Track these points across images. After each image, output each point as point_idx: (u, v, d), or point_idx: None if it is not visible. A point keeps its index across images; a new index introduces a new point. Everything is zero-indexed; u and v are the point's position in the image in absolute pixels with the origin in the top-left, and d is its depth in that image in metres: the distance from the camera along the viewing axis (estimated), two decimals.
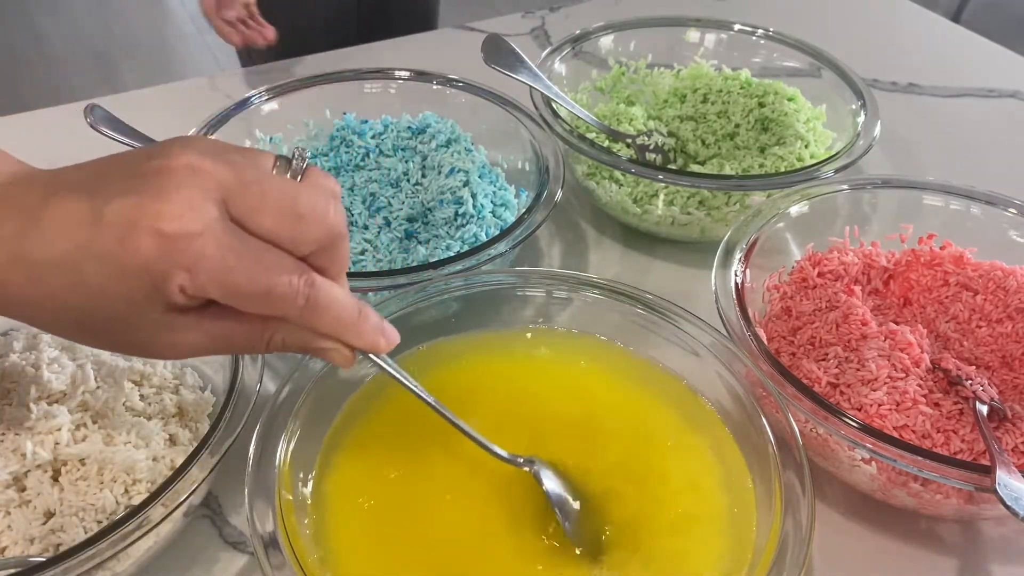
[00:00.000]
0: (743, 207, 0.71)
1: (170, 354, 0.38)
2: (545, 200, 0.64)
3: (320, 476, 0.49)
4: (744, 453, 0.51)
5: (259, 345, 0.40)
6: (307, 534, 0.45)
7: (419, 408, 0.54)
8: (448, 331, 0.58)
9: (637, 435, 0.53)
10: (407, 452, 0.51)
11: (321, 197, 0.37)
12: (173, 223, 0.33)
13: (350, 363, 0.42)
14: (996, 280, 0.62)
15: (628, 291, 0.57)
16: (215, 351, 0.39)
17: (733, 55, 0.91)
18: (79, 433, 0.50)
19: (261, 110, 0.75)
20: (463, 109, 0.78)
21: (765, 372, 0.51)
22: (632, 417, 0.54)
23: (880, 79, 1.04)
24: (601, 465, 0.51)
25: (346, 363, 0.41)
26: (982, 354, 0.59)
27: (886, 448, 0.47)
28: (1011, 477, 0.45)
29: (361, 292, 0.59)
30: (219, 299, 0.35)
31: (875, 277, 0.65)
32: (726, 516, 0.48)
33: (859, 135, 0.73)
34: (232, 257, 0.34)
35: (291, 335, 0.40)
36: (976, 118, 0.98)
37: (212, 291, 0.35)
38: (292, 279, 0.36)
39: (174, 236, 0.33)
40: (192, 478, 0.45)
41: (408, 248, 0.67)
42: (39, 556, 0.45)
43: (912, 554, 0.54)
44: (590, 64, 0.89)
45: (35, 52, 2.80)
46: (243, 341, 0.39)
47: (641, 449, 0.52)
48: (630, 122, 0.81)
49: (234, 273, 0.34)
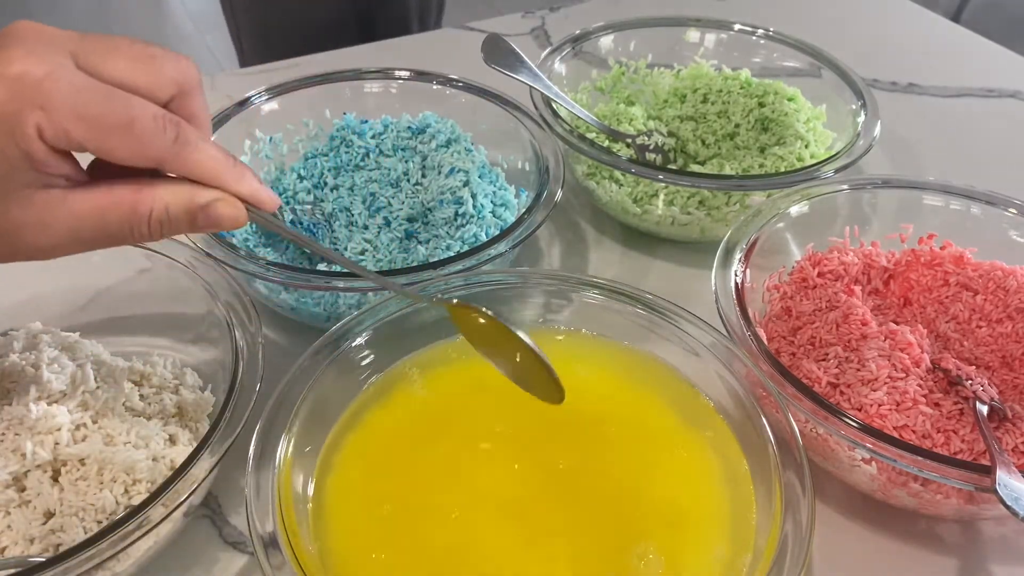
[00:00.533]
0: (743, 207, 0.71)
1: (42, 240, 0.37)
2: (545, 200, 0.64)
3: (320, 476, 0.49)
4: (744, 453, 0.51)
5: (139, 223, 0.38)
6: (307, 534, 0.45)
7: (420, 409, 0.54)
8: (448, 332, 0.58)
9: (637, 435, 0.53)
10: (408, 453, 0.51)
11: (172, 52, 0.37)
12: (15, 65, 0.33)
13: (242, 218, 0.40)
14: (996, 280, 0.62)
15: (628, 291, 0.57)
16: (92, 240, 0.38)
17: (733, 55, 0.91)
18: (79, 433, 0.50)
19: (261, 110, 0.75)
20: (463, 109, 0.78)
21: (765, 372, 0.51)
22: (632, 417, 0.54)
23: (880, 79, 1.04)
24: (601, 463, 0.51)
25: (238, 218, 0.40)
26: (982, 354, 0.59)
27: (886, 448, 0.47)
28: (1011, 477, 0.45)
29: (361, 292, 0.59)
30: (82, 139, 0.35)
31: (875, 277, 0.65)
32: (726, 516, 0.48)
33: (859, 135, 0.73)
34: (87, 93, 0.34)
35: (173, 197, 0.38)
36: (976, 118, 0.98)
37: (71, 126, 0.34)
38: (155, 113, 0.36)
39: (19, 76, 0.33)
40: (192, 478, 0.45)
41: (408, 248, 0.67)
42: (39, 556, 0.45)
43: (912, 554, 0.54)
44: (590, 64, 0.89)
45: None
46: (120, 218, 0.37)
47: (641, 449, 0.52)
48: (630, 122, 0.81)
49: (91, 106, 0.34)
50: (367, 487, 0.49)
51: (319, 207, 0.71)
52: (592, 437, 0.52)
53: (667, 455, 0.52)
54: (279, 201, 0.42)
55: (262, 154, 0.76)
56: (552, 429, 0.52)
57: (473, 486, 0.49)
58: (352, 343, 0.53)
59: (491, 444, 0.52)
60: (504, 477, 0.50)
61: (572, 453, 0.51)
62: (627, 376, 0.56)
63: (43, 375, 0.51)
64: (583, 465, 0.51)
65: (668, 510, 0.49)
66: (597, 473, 0.50)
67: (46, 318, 0.58)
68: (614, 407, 0.54)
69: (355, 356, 0.54)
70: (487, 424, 0.53)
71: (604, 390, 0.56)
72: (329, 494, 0.48)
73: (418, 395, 0.54)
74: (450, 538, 0.47)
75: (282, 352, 0.64)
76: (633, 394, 0.55)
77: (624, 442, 0.52)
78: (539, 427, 0.52)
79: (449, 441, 0.52)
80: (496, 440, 0.52)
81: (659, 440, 0.52)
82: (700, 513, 0.49)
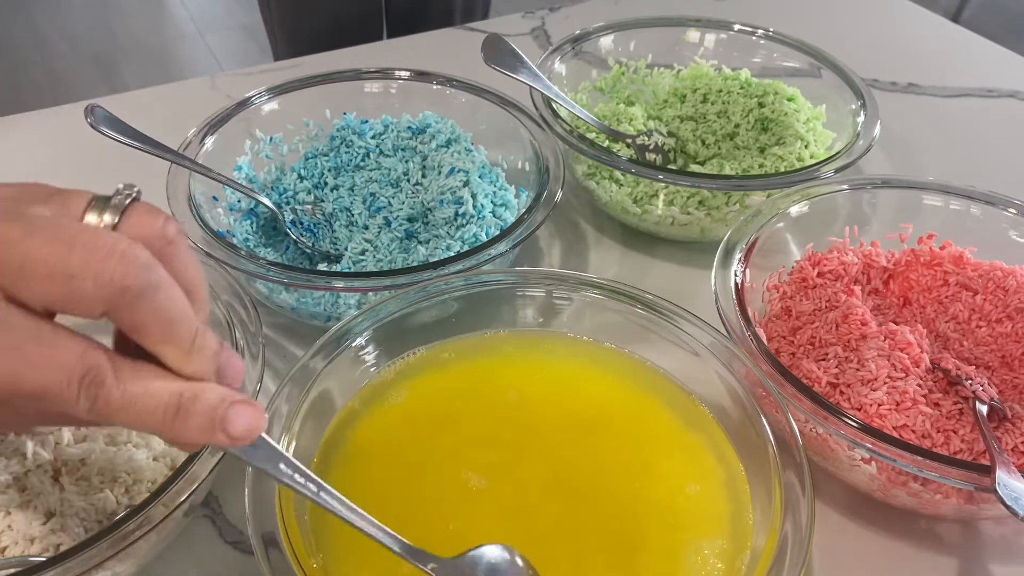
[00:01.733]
0: (743, 207, 0.71)
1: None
2: (545, 200, 0.64)
3: (320, 475, 0.49)
4: (744, 453, 0.51)
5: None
6: (307, 534, 0.45)
7: (420, 410, 0.54)
8: (448, 332, 0.58)
9: (636, 435, 0.53)
10: (408, 453, 0.51)
11: (107, 243, 0.29)
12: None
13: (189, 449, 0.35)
14: (996, 280, 0.62)
15: (628, 291, 0.57)
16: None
17: (733, 55, 0.91)
18: (79, 433, 0.50)
19: (261, 110, 0.75)
20: (463, 109, 0.78)
21: (765, 372, 0.51)
22: (632, 417, 0.54)
23: (880, 79, 1.04)
24: (599, 465, 0.51)
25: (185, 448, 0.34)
26: (982, 354, 0.59)
27: (886, 448, 0.47)
28: (1011, 477, 0.45)
29: (361, 292, 0.59)
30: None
31: (875, 277, 0.65)
32: (725, 516, 0.48)
33: (859, 135, 0.73)
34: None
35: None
36: (976, 118, 0.98)
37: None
38: (70, 376, 0.29)
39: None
40: (192, 478, 0.45)
41: (408, 248, 0.67)
42: (39, 556, 0.45)
43: (912, 554, 0.54)
44: (590, 64, 0.89)
45: (35, 52, 2.80)
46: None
47: (640, 449, 0.52)
48: (630, 122, 0.81)
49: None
50: (367, 487, 0.49)
51: (319, 207, 0.71)
52: (591, 438, 0.52)
53: (666, 455, 0.52)
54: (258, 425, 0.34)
55: (262, 154, 0.76)
56: (552, 430, 0.52)
57: (473, 487, 0.49)
58: (352, 343, 0.53)
59: (491, 445, 0.52)
60: (504, 478, 0.50)
61: (571, 455, 0.51)
62: (627, 376, 0.56)
63: None
64: (582, 466, 0.51)
65: (667, 511, 0.49)
66: (597, 474, 0.50)
67: None
68: (613, 408, 0.54)
69: (355, 356, 0.54)
70: (487, 425, 0.53)
71: (603, 390, 0.56)
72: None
73: (418, 395, 0.55)
74: (450, 538, 0.47)
75: (282, 352, 0.64)
76: (633, 394, 0.55)
77: (623, 443, 0.52)
78: (539, 428, 0.53)
79: (449, 442, 0.52)
80: (496, 441, 0.52)
81: (658, 441, 0.52)
82: (699, 514, 0.48)
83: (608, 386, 0.56)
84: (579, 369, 0.57)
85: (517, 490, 0.49)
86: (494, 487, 0.49)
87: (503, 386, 0.56)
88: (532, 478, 0.50)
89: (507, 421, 0.53)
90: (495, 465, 0.51)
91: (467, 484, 0.50)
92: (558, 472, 0.50)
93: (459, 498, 0.49)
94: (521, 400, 0.55)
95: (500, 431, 0.53)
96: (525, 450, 0.51)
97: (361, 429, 0.52)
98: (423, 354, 0.57)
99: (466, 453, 0.51)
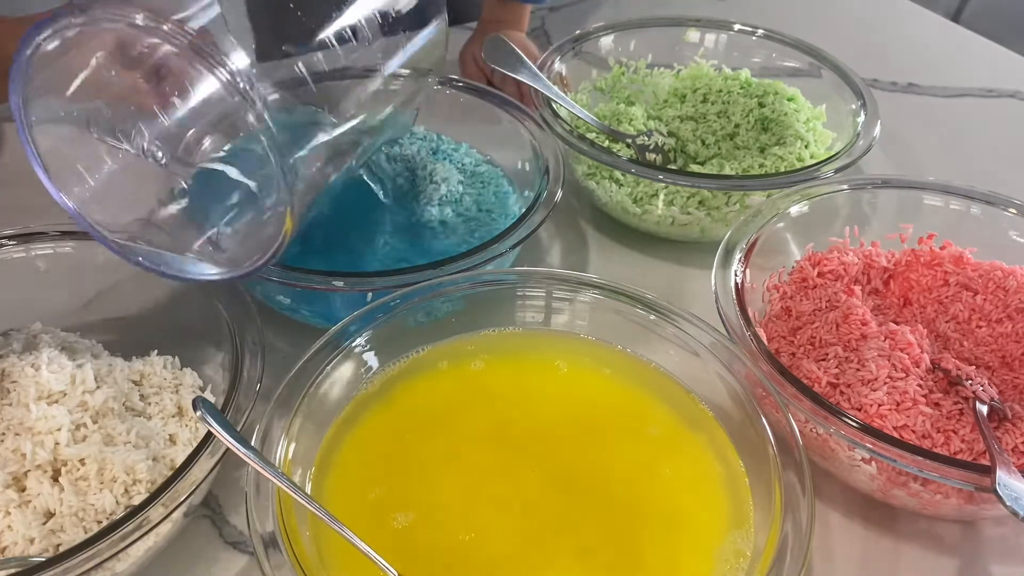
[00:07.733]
0: (743, 207, 0.71)
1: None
2: (545, 200, 0.64)
3: (320, 475, 0.49)
4: (744, 453, 0.51)
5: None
6: (307, 534, 0.45)
7: (419, 410, 0.54)
8: (448, 332, 0.58)
9: (637, 435, 0.53)
10: (407, 453, 0.51)
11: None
12: None
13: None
14: (996, 280, 0.62)
15: (628, 291, 0.57)
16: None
17: (733, 55, 0.91)
18: (79, 433, 0.50)
19: None
20: (463, 109, 0.78)
21: (765, 372, 0.51)
22: (632, 417, 0.54)
23: (880, 79, 1.04)
24: (600, 465, 0.51)
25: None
26: (982, 354, 0.59)
27: (886, 448, 0.47)
28: (1011, 477, 0.45)
29: (361, 292, 0.59)
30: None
31: (875, 277, 0.65)
32: (726, 516, 0.48)
33: (859, 135, 0.74)
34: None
35: None
36: (976, 118, 0.98)
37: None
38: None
39: None
40: (192, 478, 0.45)
41: (408, 248, 0.67)
42: (39, 556, 0.45)
43: (912, 554, 0.54)
44: (590, 64, 0.89)
45: None
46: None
47: (641, 449, 0.52)
48: (630, 122, 0.81)
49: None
50: (367, 487, 0.49)
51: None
52: (592, 438, 0.52)
53: (667, 455, 0.52)
54: None
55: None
56: (552, 430, 0.52)
57: (473, 487, 0.49)
58: (352, 343, 0.53)
59: (491, 446, 0.52)
60: (504, 478, 0.50)
61: (572, 454, 0.51)
62: (627, 376, 0.56)
63: (43, 375, 0.51)
64: (584, 466, 0.51)
65: (668, 511, 0.49)
66: (598, 474, 0.50)
67: (46, 318, 0.58)
68: (614, 408, 0.54)
69: (355, 356, 0.54)
70: (487, 426, 0.53)
71: (604, 391, 0.56)
72: (328, 494, 0.48)
73: (418, 395, 0.55)
74: (450, 538, 0.47)
75: (282, 352, 0.64)
76: (633, 394, 0.55)
77: (624, 443, 0.52)
78: (539, 428, 0.53)
79: (449, 442, 0.52)
80: (496, 442, 0.52)
81: (659, 441, 0.52)
82: (700, 514, 0.49)
83: (609, 386, 0.56)
84: (580, 369, 0.57)
85: (518, 490, 0.49)
86: (495, 486, 0.50)
87: (504, 386, 0.56)
88: (533, 478, 0.50)
89: (508, 421, 0.53)
90: (496, 464, 0.51)
91: (467, 484, 0.50)
92: (559, 472, 0.50)
93: (460, 498, 0.49)
94: (522, 400, 0.55)
95: (501, 431, 0.53)
96: (526, 450, 0.51)
97: (361, 429, 0.52)
98: (423, 354, 0.57)
99: (466, 453, 0.51)
